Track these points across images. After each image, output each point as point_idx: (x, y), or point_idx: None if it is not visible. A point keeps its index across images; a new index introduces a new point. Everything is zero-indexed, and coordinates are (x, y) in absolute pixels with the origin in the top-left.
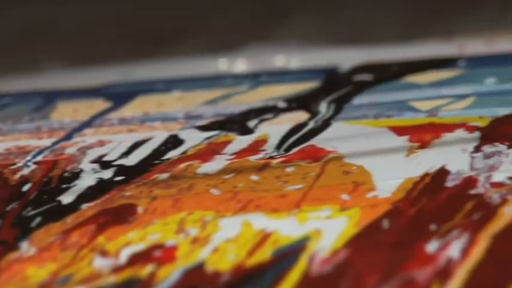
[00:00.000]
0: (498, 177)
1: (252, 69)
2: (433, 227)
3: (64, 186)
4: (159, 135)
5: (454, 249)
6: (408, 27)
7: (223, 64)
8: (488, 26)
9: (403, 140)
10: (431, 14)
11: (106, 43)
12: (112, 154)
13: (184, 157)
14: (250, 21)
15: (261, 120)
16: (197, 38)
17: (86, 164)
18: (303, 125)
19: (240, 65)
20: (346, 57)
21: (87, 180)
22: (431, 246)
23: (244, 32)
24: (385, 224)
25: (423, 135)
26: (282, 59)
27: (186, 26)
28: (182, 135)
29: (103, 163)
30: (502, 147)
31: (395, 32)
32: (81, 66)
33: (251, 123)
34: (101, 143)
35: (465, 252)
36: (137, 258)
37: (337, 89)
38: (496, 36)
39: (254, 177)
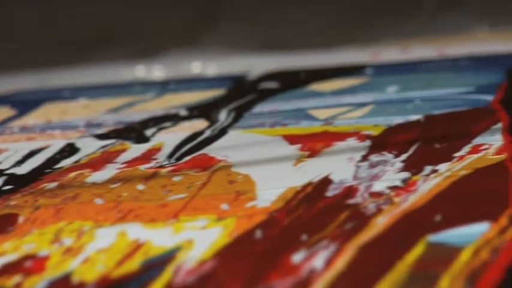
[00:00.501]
0: (378, 186)
1: (169, 76)
2: (304, 237)
3: None
4: (56, 144)
5: (318, 260)
6: (331, 34)
7: (140, 71)
8: (402, 33)
9: (294, 149)
10: (353, 22)
11: (26, 50)
12: (5, 163)
13: (76, 166)
14: (176, 28)
15: (160, 129)
16: (120, 45)
17: None
18: (199, 133)
19: (157, 72)
20: (264, 64)
21: None
22: (297, 257)
23: (167, 39)
24: (258, 234)
25: (315, 144)
26: (198, 66)
27: (110, 33)
28: (79, 143)
29: None
30: (389, 156)
31: (318, 38)
32: None
33: (149, 132)
34: None
35: (328, 263)
36: (7, 269)
37: (242, 97)
38: (410, 44)
39: (140, 187)
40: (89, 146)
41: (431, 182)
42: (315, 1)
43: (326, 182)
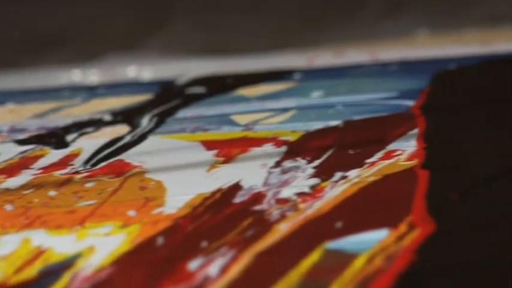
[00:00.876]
0: (286, 193)
1: (104, 81)
2: (204, 244)
3: None
4: None
5: (213, 267)
6: (273, 38)
7: (76, 75)
8: (342, 37)
9: (210, 155)
10: (295, 26)
11: None
12: None
13: None
14: (117, 32)
15: (81, 134)
16: (60, 48)
17: None
18: (119, 139)
19: (93, 76)
20: (201, 68)
21: None
22: (194, 264)
23: (107, 42)
24: (160, 241)
25: (232, 149)
26: (134, 70)
27: (52, 37)
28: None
29: None
30: (302, 162)
31: (259, 42)
32: None
33: (70, 137)
34: None
35: (223, 270)
36: None
37: (167, 102)
38: (350, 48)
39: (52, 193)
40: (8, 152)
41: (338, 189)
42: (258, 5)
43: (236, 188)
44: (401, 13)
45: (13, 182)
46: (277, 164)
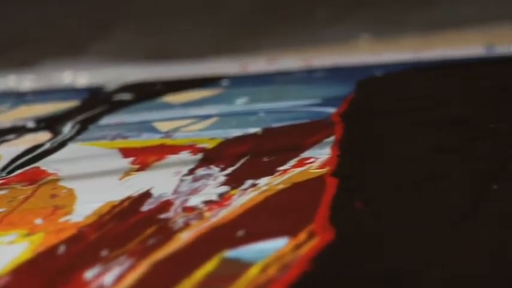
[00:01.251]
0: (193, 201)
1: (40, 86)
2: (104, 252)
3: None
4: None
5: (109, 276)
6: (214, 44)
7: (11, 81)
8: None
9: (126, 162)
10: (236, 32)
11: None
12: None
13: None
14: (60, 37)
15: (2, 141)
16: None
17: None
18: (39, 146)
19: (28, 82)
20: (137, 74)
21: None
22: (91, 273)
23: (47, 48)
24: (61, 249)
25: (148, 157)
26: (69, 76)
27: None
28: None
29: None
30: (215, 170)
31: (200, 48)
32: None
33: None
34: None
35: (119, 279)
36: None
37: (93, 109)
38: (282, 55)
39: None
40: None
41: (245, 197)
42: (202, 11)
43: (145, 196)
44: (344, 20)
45: None
46: (190, 171)
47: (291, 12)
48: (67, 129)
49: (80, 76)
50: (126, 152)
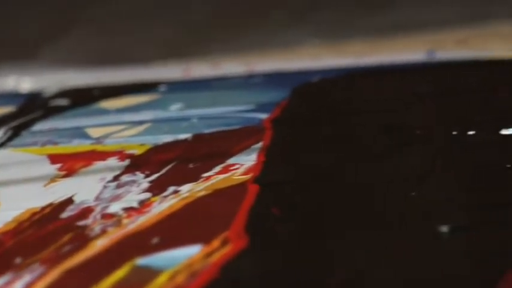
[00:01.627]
0: (114, 208)
1: None
2: (18, 260)
3: None
4: None
5: (18, 285)
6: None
7: None
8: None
9: (53, 169)
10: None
11: None
12: None
13: None
14: (8, 42)
15: None
16: None
17: None
18: None
19: None
20: (79, 79)
21: None
22: (1, 281)
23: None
24: None
25: (76, 163)
26: (13, 81)
27: None
28: None
29: None
30: (139, 176)
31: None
32: None
33: None
34: None
35: (28, 287)
36: None
37: (28, 114)
38: (225, 60)
39: None
40: None
41: (165, 204)
42: (149, 16)
43: (67, 203)
44: (296, 25)
45: None
46: (115, 178)
47: (243, 15)
48: None
49: (23, 81)
50: (54, 159)
